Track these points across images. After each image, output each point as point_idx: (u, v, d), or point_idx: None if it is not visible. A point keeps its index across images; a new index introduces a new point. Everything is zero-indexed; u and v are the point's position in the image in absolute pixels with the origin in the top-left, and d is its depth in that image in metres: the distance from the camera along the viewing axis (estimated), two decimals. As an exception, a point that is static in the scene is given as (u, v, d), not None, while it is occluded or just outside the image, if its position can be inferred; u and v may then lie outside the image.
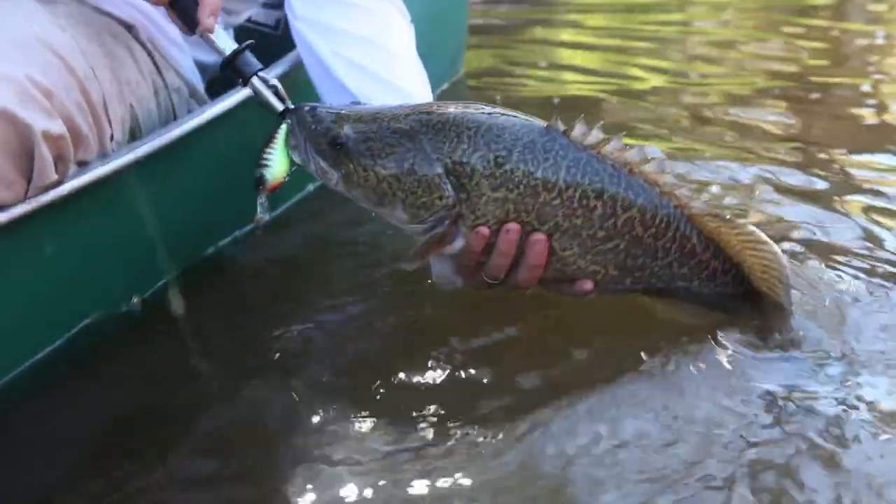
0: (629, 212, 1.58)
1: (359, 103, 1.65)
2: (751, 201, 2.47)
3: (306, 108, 1.57)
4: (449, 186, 1.54)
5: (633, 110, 3.43)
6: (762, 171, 2.63)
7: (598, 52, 4.46)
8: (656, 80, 3.86)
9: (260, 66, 1.68)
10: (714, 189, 2.53)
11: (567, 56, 4.51)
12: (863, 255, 2.07)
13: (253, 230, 2.02)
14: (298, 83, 2.06)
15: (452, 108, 1.56)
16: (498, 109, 1.57)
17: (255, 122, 1.96)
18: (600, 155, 1.56)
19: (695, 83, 3.91)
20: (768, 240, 1.66)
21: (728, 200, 2.49)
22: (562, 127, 1.56)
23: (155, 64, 1.91)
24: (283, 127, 1.58)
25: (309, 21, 1.93)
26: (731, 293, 1.69)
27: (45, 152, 1.49)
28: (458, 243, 1.58)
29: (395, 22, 1.96)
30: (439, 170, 1.54)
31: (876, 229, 2.23)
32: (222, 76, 1.98)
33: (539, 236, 1.55)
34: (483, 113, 1.56)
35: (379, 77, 1.84)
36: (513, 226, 1.54)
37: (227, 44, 1.68)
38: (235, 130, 1.91)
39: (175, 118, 1.93)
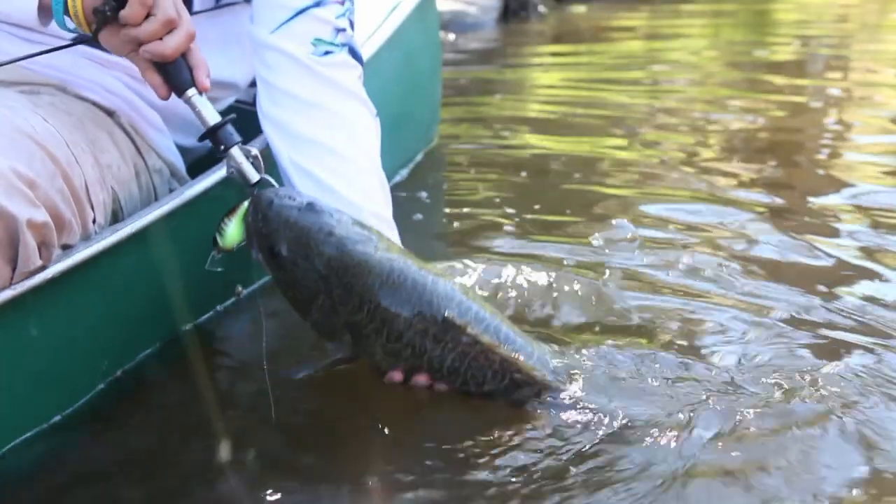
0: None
1: None
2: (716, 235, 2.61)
3: (265, 200, 1.63)
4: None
5: (605, 164, 3.46)
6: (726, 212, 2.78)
7: (565, 108, 4.45)
8: (621, 141, 3.90)
9: (240, 139, 1.69)
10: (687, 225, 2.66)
11: (537, 115, 4.51)
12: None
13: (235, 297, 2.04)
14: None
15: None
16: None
17: (234, 201, 1.97)
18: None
19: (660, 138, 3.95)
20: None
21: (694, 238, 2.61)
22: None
23: (136, 147, 1.91)
24: (245, 204, 1.63)
25: (273, 120, 1.95)
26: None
27: (29, 240, 1.49)
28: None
29: (361, 125, 1.97)
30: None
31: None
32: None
33: None
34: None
35: (335, 191, 1.85)
36: None
37: (212, 114, 1.69)
38: (215, 209, 1.87)
39: (156, 198, 1.93)
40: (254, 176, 1.68)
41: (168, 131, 1.99)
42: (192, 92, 1.68)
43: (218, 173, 1.91)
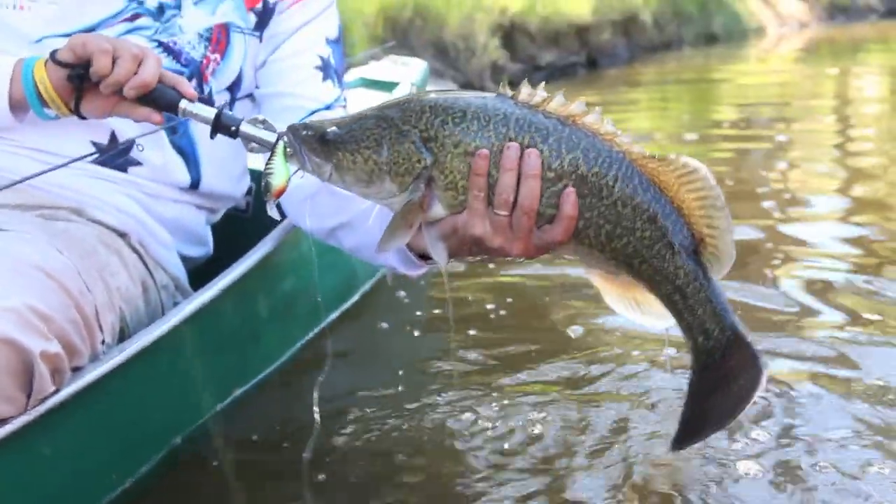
0: (573, 153, 1.49)
1: None
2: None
3: (297, 124, 1.54)
4: (424, 149, 1.49)
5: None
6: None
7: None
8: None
9: (241, 118, 1.64)
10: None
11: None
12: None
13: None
14: (275, 264, 2.08)
15: (414, 95, 1.56)
16: (451, 91, 1.58)
17: (231, 312, 1.95)
18: (545, 110, 1.51)
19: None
20: (699, 165, 1.52)
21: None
22: (510, 92, 1.52)
23: (145, 265, 1.87)
24: (280, 143, 1.54)
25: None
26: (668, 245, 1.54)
27: (43, 370, 1.46)
28: (437, 210, 1.52)
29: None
30: (414, 137, 1.49)
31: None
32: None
33: (529, 150, 1.47)
34: (439, 92, 1.55)
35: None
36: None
37: (208, 110, 1.64)
38: (215, 320, 1.88)
39: (163, 311, 1.89)
40: (272, 136, 1.60)
41: (173, 244, 1.95)
42: (184, 103, 1.63)
43: (217, 286, 1.87)
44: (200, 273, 2.02)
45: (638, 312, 1.61)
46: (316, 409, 2.02)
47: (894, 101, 7.65)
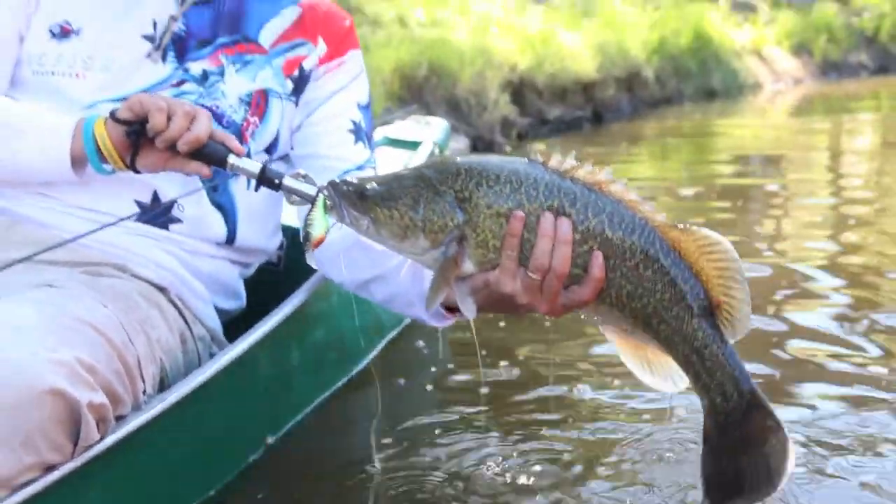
0: (599, 216, 1.51)
1: None
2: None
3: (338, 179, 1.56)
4: (458, 209, 1.50)
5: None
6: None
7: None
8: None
9: (284, 172, 1.67)
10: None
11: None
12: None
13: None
14: (307, 315, 2.07)
15: (451, 158, 1.57)
16: (484, 155, 1.58)
17: (264, 362, 1.95)
18: (573, 177, 1.52)
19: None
20: (720, 238, 1.53)
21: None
22: (541, 158, 1.53)
23: (183, 318, 1.87)
24: (320, 197, 1.54)
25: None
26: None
27: (89, 419, 1.46)
28: (467, 266, 1.53)
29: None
30: (449, 197, 1.50)
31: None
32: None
33: (562, 218, 1.49)
34: (476, 159, 1.55)
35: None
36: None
37: (253, 164, 1.67)
38: (249, 370, 1.89)
39: (200, 362, 1.89)
40: (312, 189, 1.62)
41: (209, 297, 1.96)
42: (232, 158, 1.66)
43: (250, 338, 1.88)
44: (235, 324, 2.02)
45: (648, 373, 1.61)
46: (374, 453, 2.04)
47: (884, 152, 7.66)
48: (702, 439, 1.61)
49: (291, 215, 2.06)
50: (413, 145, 3.17)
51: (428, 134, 3.31)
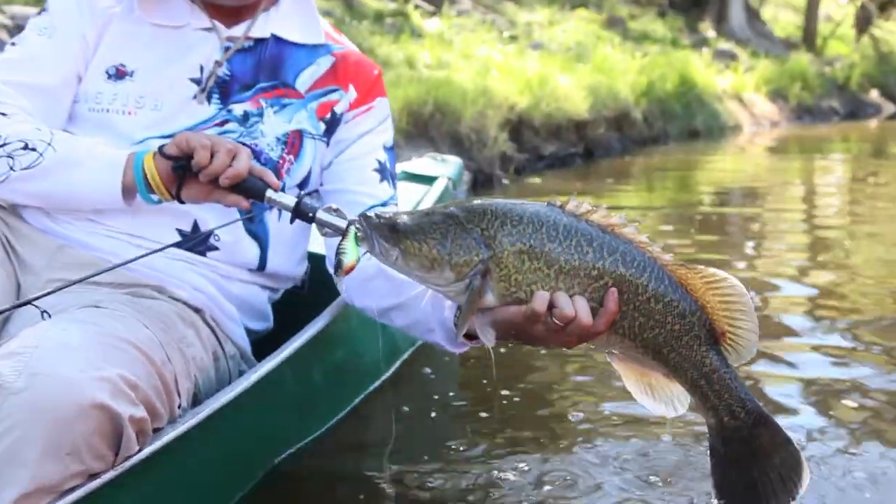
0: (614, 255, 1.52)
1: None
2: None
3: (370, 212, 1.56)
4: (483, 245, 1.50)
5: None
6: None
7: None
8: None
9: (318, 205, 1.67)
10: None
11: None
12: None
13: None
14: (329, 337, 2.07)
15: (477, 200, 1.58)
16: (508, 199, 1.58)
17: (290, 379, 1.94)
18: (589, 220, 1.54)
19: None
20: (727, 275, 1.56)
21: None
22: (559, 202, 1.54)
23: (216, 338, 1.87)
24: (351, 228, 1.55)
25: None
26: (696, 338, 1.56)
27: (130, 432, 1.46)
28: (489, 298, 1.53)
29: None
30: (475, 234, 1.50)
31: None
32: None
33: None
34: (501, 202, 1.56)
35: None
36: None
37: (289, 198, 1.68)
38: (276, 387, 1.88)
39: (230, 379, 1.89)
40: (343, 222, 1.62)
41: (239, 318, 1.96)
42: (269, 192, 1.67)
43: (278, 357, 1.87)
44: (262, 344, 2.02)
45: (651, 398, 1.63)
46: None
47: (852, 187, 7.71)
48: (710, 455, 1.63)
49: (316, 243, 2.05)
50: (430, 180, 3.19)
51: (443, 170, 3.35)
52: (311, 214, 1.66)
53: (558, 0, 13.17)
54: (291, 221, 1.71)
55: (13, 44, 1.92)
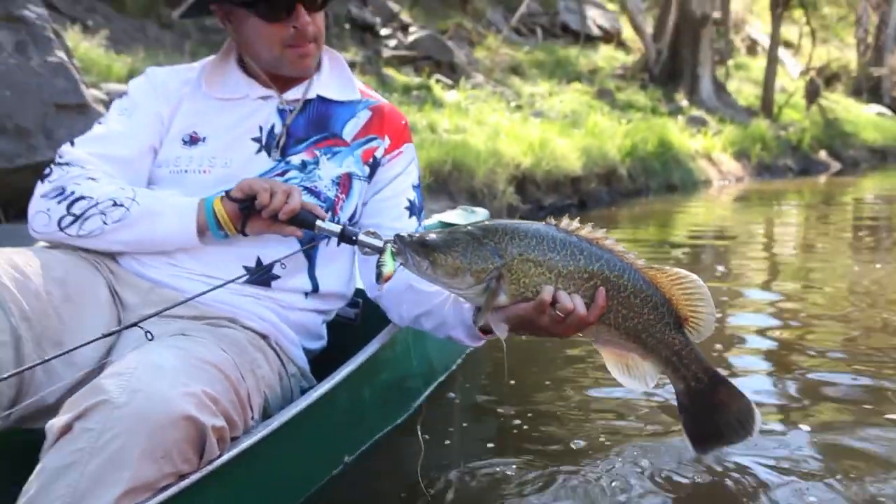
0: (600, 261, 1.61)
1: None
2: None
3: (403, 232, 1.64)
4: (497, 256, 1.57)
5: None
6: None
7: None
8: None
9: (358, 230, 1.71)
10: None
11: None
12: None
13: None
14: (379, 364, 2.07)
15: (488, 221, 1.67)
16: (517, 220, 1.64)
17: (345, 397, 1.94)
18: (578, 235, 1.62)
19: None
20: (688, 273, 1.67)
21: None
22: (554, 222, 1.62)
23: (280, 359, 1.88)
24: (388, 246, 1.63)
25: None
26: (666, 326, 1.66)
27: (212, 440, 1.47)
28: (502, 298, 1.59)
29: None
30: (490, 247, 1.57)
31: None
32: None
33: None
34: (509, 222, 1.64)
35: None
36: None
37: (335, 226, 1.72)
38: (333, 403, 1.88)
39: (293, 395, 1.89)
40: (380, 242, 1.68)
41: (299, 342, 1.97)
42: (319, 223, 1.71)
43: (336, 378, 1.87)
44: (319, 361, 2.03)
45: (627, 376, 1.72)
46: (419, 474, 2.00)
47: (807, 227, 7.73)
48: (679, 412, 1.75)
49: (363, 275, 2.06)
50: None
51: (473, 219, 3.35)
52: (353, 238, 1.71)
53: (556, 75, 13.24)
54: (338, 244, 1.75)
55: (99, 122, 1.96)
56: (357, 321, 2.25)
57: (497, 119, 9.32)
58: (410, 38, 11.81)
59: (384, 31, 11.99)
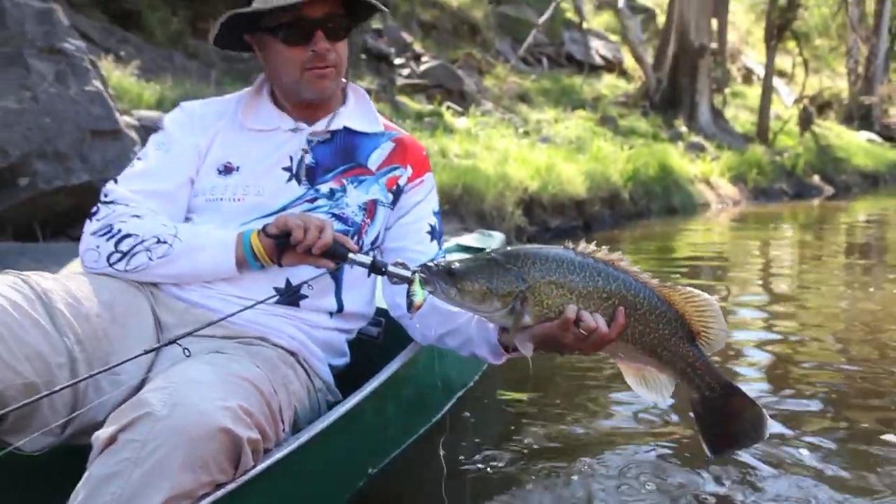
0: (617, 282, 1.62)
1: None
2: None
3: (430, 263, 1.65)
4: (521, 280, 1.58)
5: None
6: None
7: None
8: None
9: (387, 262, 1.72)
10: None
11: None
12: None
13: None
14: (402, 380, 2.08)
15: (510, 247, 1.68)
16: (537, 245, 1.67)
17: (370, 411, 1.94)
18: (595, 257, 1.64)
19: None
20: (699, 292, 1.69)
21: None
22: (572, 246, 1.64)
23: (308, 375, 1.90)
24: (417, 276, 1.63)
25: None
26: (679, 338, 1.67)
27: (248, 451, 1.49)
28: (526, 319, 1.60)
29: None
30: (514, 272, 1.59)
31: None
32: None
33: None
34: (530, 247, 1.66)
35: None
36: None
37: (365, 258, 1.73)
38: (360, 417, 1.89)
39: (319, 408, 1.90)
40: (409, 272, 1.68)
41: (325, 358, 1.98)
42: (351, 255, 1.72)
43: (361, 394, 1.88)
44: (343, 377, 2.04)
45: (644, 388, 1.74)
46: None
47: (801, 248, 7.76)
48: (696, 419, 1.76)
49: (385, 297, 2.07)
50: (479, 251, 3.19)
51: (490, 243, 3.42)
52: (383, 269, 1.72)
53: (562, 102, 13.30)
54: (368, 275, 1.75)
55: (139, 158, 1.98)
56: (379, 339, 2.27)
57: (505, 145, 9.37)
58: (423, 68, 11.90)
59: (398, 61, 12.08)
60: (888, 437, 2.38)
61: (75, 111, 4.47)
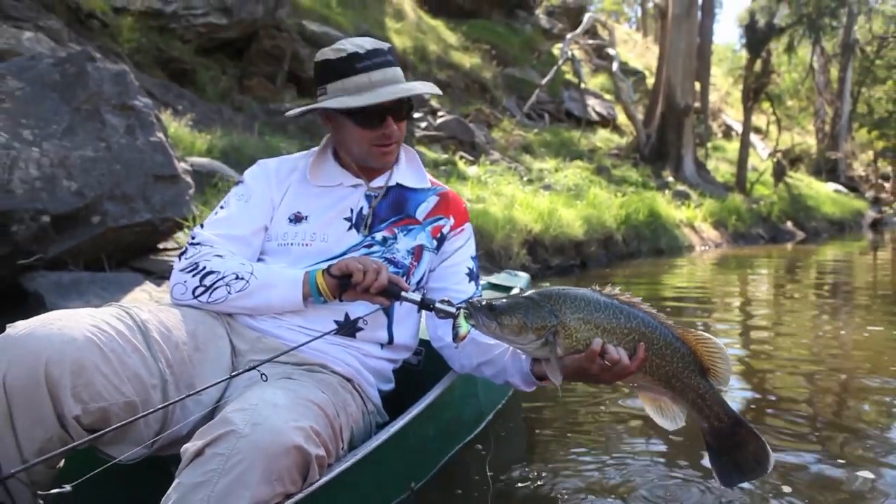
0: (637, 319, 1.66)
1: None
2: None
3: (474, 300, 1.70)
4: (553, 315, 1.61)
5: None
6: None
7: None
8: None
9: (434, 299, 1.77)
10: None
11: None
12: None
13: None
14: (441, 405, 2.09)
15: (543, 288, 1.71)
16: (568, 287, 1.69)
17: (415, 431, 1.96)
18: (618, 299, 1.67)
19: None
20: (709, 335, 1.73)
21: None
22: (598, 288, 1.68)
23: (363, 399, 1.94)
24: (461, 312, 1.68)
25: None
26: (692, 374, 1.70)
27: (315, 466, 1.53)
28: (558, 351, 1.64)
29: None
30: (547, 309, 1.63)
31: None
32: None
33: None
34: (562, 288, 1.69)
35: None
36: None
37: (416, 296, 1.78)
38: (407, 436, 1.92)
39: (370, 428, 1.94)
40: (453, 309, 1.73)
41: (375, 384, 2.01)
42: (403, 294, 1.77)
43: (408, 416, 1.91)
44: (388, 401, 2.07)
45: (661, 416, 1.76)
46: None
47: (776, 285, 7.76)
48: (707, 448, 1.77)
49: (427, 329, 2.11)
50: (507, 289, 3.26)
51: (517, 282, 3.43)
52: (431, 306, 1.78)
53: (561, 153, 13.42)
54: (418, 311, 1.80)
55: (221, 207, 2.05)
56: (420, 366, 2.31)
57: (512, 191, 9.44)
58: (438, 121, 12.05)
59: (416, 115, 12.24)
60: (852, 462, 2.39)
61: (141, 159, 4.58)
